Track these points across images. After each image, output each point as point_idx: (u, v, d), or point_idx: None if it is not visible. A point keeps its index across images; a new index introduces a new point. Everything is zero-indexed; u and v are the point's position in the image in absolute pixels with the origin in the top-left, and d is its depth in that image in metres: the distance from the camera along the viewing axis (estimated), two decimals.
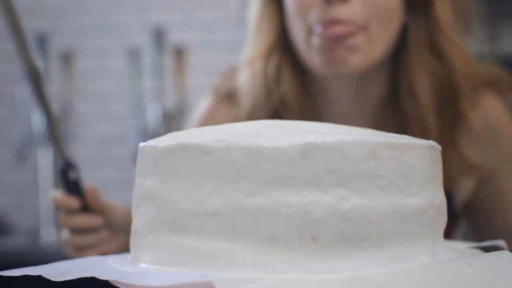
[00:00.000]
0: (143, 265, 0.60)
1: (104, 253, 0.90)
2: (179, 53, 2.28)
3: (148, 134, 2.21)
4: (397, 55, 0.94)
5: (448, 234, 0.83)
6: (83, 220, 0.90)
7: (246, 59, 1.00)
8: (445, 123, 0.92)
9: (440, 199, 0.61)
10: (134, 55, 2.31)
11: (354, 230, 0.55)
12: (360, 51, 0.87)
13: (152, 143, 0.61)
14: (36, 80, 0.88)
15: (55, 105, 2.31)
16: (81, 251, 0.90)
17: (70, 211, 0.90)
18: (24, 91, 2.22)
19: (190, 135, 0.61)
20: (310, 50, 0.90)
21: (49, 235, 2.15)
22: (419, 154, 0.59)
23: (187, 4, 2.43)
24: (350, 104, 0.95)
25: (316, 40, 0.88)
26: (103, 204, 0.92)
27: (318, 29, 0.87)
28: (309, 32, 0.89)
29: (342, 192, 0.55)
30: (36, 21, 2.32)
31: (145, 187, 0.61)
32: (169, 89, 2.29)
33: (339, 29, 0.86)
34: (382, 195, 0.56)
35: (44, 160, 2.23)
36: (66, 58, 2.34)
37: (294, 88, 0.96)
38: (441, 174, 0.63)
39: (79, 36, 2.43)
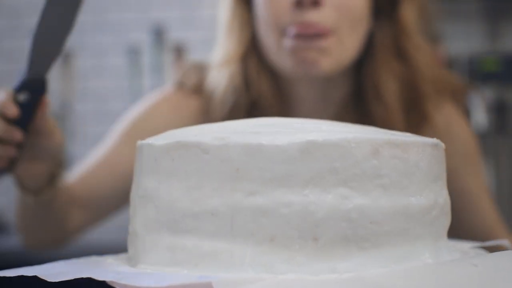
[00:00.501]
0: (141, 266, 0.59)
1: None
2: (179, 52, 2.27)
3: None
4: (363, 59, 0.97)
5: None
6: (0, 126, 0.81)
7: (220, 60, 1.01)
8: (410, 125, 0.95)
9: (444, 198, 0.61)
10: (133, 53, 2.31)
11: (356, 230, 0.54)
12: (330, 54, 0.91)
13: (150, 142, 0.60)
14: None
15: (55, 104, 2.30)
16: None
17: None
18: None
19: (189, 133, 0.60)
20: (281, 52, 0.92)
21: None
22: (422, 152, 0.58)
23: (186, 2, 2.42)
24: (315, 104, 0.98)
25: (288, 42, 0.90)
26: (47, 126, 0.85)
27: (292, 30, 0.90)
28: (281, 34, 0.91)
29: (344, 191, 0.54)
30: (35, 20, 2.31)
31: (143, 186, 0.60)
32: None
33: (312, 30, 0.89)
34: (384, 194, 0.55)
35: None
36: (66, 57, 2.33)
37: (272, 86, 0.98)
38: (445, 173, 0.62)
39: (78, 34, 2.42)
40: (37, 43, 0.82)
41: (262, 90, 0.97)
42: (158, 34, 2.28)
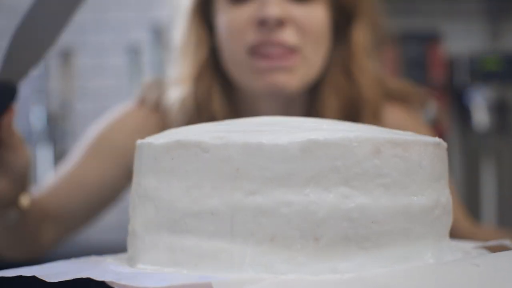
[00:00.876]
0: (140, 266, 0.59)
1: None
2: None
3: None
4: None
5: None
6: None
7: (176, 78, 1.01)
8: None
9: (446, 197, 0.60)
10: (133, 52, 2.30)
11: (357, 230, 0.54)
12: (297, 72, 0.93)
13: (150, 141, 0.60)
14: None
15: (55, 103, 2.30)
16: None
17: None
18: (24, 90, 2.21)
19: (188, 132, 0.60)
20: (248, 73, 0.93)
21: None
22: (424, 151, 0.57)
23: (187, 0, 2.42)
24: None
25: (254, 64, 0.92)
26: (13, 139, 0.76)
27: (256, 51, 0.91)
28: (246, 55, 0.92)
29: (345, 190, 0.54)
30: None
31: (143, 186, 0.60)
32: None
33: (273, 50, 0.91)
34: (386, 194, 0.55)
35: (44, 158, 2.22)
36: (65, 56, 2.33)
37: (224, 107, 0.99)
38: (447, 172, 0.62)
39: (78, 33, 2.43)
40: (15, 43, 0.73)
41: (214, 111, 0.98)
42: (158, 33, 2.28)
